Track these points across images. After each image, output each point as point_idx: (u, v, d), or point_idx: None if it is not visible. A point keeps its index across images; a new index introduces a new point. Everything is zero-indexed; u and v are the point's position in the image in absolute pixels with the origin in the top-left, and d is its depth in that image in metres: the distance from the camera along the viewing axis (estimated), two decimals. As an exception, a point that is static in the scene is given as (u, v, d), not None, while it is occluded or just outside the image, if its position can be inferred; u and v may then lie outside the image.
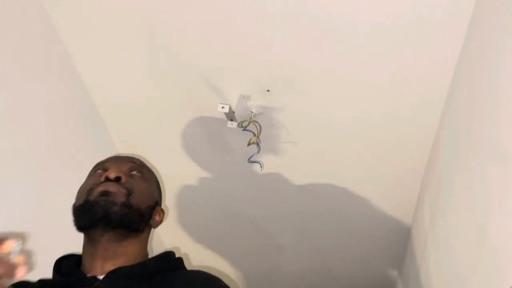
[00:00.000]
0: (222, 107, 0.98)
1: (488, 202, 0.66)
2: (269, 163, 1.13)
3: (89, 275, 0.60)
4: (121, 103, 1.09)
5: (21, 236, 0.74)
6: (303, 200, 1.28)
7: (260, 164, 1.11)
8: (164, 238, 1.43)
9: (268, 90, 0.99)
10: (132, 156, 0.75)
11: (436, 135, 1.00)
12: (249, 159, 1.08)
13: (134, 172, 0.67)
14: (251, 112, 1.04)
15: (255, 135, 1.04)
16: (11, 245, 0.46)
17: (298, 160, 1.15)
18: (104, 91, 1.07)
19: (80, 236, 0.62)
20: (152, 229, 0.70)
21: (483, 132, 0.70)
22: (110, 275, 0.60)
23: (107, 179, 0.62)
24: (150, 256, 0.67)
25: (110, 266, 0.60)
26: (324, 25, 0.85)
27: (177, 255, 0.70)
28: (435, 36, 0.83)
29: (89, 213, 0.59)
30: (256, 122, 1.04)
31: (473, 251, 0.70)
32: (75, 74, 1.02)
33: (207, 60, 0.96)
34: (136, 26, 0.92)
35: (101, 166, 0.68)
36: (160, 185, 0.74)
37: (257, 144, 1.05)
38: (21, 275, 0.46)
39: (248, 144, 1.06)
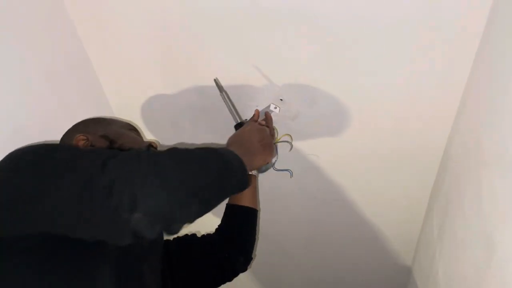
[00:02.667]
0: None
1: (496, 214, 0.67)
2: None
3: None
4: (136, 104, 1.13)
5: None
6: (312, 208, 1.29)
7: (290, 172, 1.10)
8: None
9: (282, 99, 1.01)
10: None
11: (446, 149, 1.01)
12: (273, 167, 1.08)
13: None
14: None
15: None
16: None
17: (307, 167, 1.17)
18: (120, 92, 1.11)
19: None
20: None
21: (491, 146, 0.71)
22: None
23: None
24: None
25: None
26: (335, 38, 0.87)
27: None
28: (446, 53, 0.84)
29: None
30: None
31: (481, 263, 0.71)
32: (93, 74, 1.06)
33: (221, 67, 0.99)
34: (154, 31, 0.95)
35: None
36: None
37: (276, 149, 1.04)
38: None
39: None
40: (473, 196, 0.79)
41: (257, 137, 0.79)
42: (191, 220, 0.58)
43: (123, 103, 1.13)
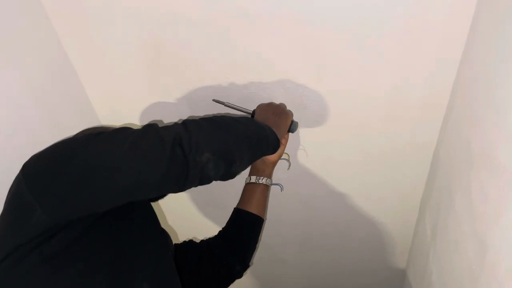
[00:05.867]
0: None
1: (486, 214, 0.67)
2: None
3: None
4: (123, 113, 1.12)
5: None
6: (304, 213, 1.28)
7: (280, 187, 1.15)
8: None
9: (270, 105, 1.01)
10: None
11: (435, 151, 1.01)
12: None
13: None
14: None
15: None
16: None
17: (298, 171, 1.16)
18: (106, 102, 1.09)
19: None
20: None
21: (480, 146, 0.71)
22: None
23: None
24: None
25: None
26: (323, 41, 0.87)
27: None
28: (432, 55, 0.85)
29: None
30: None
31: (473, 263, 0.70)
32: (79, 85, 1.04)
33: (209, 74, 0.98)
34: (140, 40, 0.95)
35: None
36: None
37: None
38: None
39: None
40: (463, 197, 0.79)
41: (269, 111, 0.91)
42: (243, 166, 0.72)
43: (110, 113, 1.12)
